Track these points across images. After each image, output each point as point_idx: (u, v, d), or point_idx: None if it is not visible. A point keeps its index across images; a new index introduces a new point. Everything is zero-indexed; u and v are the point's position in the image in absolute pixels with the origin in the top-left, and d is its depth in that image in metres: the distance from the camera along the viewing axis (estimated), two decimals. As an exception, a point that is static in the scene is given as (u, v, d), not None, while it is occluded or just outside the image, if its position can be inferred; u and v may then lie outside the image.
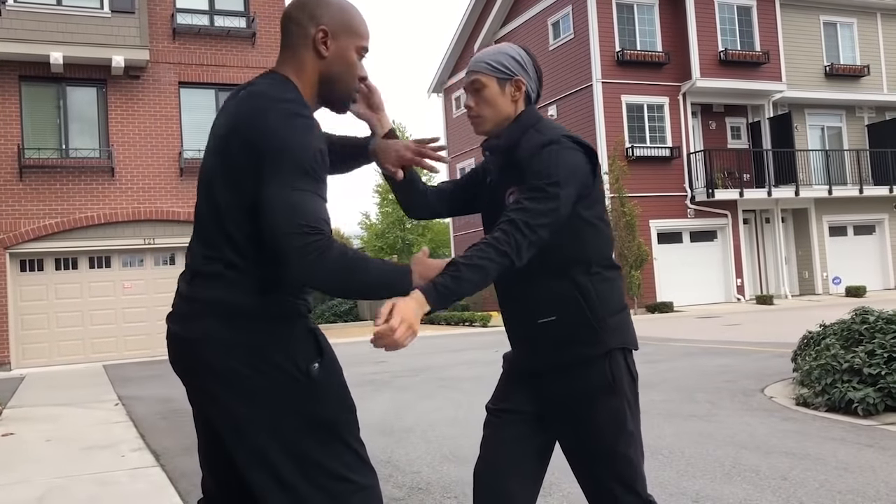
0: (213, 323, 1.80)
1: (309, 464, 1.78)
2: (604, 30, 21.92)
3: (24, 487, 4.93)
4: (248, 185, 1.77)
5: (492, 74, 2.17)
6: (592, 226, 2.12)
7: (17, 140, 15.13)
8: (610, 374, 2.08)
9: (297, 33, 1.93)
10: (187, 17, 16.52)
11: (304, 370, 1.80)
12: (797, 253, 24.57)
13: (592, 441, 2.10)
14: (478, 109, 2.20)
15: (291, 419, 1.78)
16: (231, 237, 1.81)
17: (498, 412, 2.22)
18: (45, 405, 9.13)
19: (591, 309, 2.08)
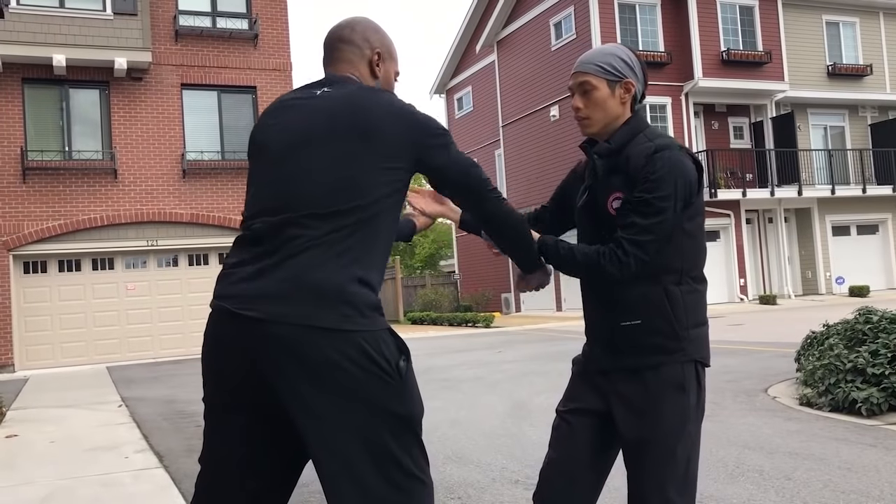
0: (312, 308, 1.76)
1: (385, 457, 1.80)
2: (606, 30, 21.91)
3: (28, 489, 4.94)
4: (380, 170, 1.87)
5: (602, 76, 2.17)
6: (691, 237, 2.15)
7: (20, 142, 15.16)
8: (682, 376, 2.12)
9: (352, 51, 2.08)
10: (189, 18, 16.54)
11: (395, 367, 1.82)
12: (800, 253, 24.54)
13: (654, 436, 2.10)
14: (587, 111, 2.20)
15: (377, 413, 1.80)
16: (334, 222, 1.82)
17: (568, 413, 2.23)
18: (49, 407, 9.15)
19: (677, 318, 2.11)
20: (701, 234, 2.19)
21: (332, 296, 1.78)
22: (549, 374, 9.23)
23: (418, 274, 34.11)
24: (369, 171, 1.86)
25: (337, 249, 1.81)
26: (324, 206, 1.83)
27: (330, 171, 1.86)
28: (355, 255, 1.83)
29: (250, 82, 16.91)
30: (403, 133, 1.90)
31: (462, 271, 29.92)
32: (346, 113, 1.89)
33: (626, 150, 2.15)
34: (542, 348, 13.16)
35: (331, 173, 1.85)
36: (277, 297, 1.78)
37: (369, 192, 1.85)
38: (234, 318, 1.81)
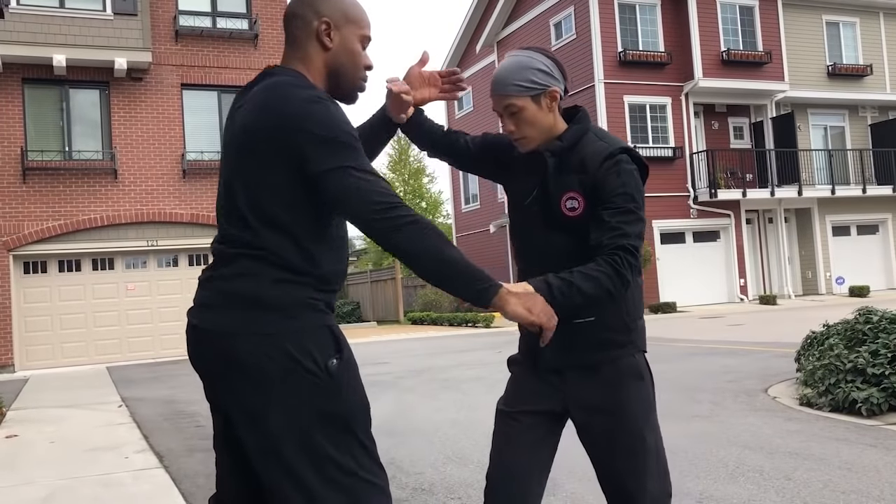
0: (233, 313, 1.81)
1: (323, 459, 1.78)
2: (606, 30, 21.92)
3: (28, 489, 4.94)
4: (279, 172, 1.79)
5: (525, 94, 2.14)
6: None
7: (21, 142, 15.16)
8: (639, 366, 2.17)
9: (300, 27, 1.95)
10: (189, 18, 16.54)
11: (323, 366, 1.79)
12: (800, 253, 24.54)
13: (624, 428, 2.11)
14: (521, 132, 2.16)
15: (307, 414, 1.78)
16: (252, 227, 1.83)
17: (515, 414, 2.21)
18: (49, 407, 9.15)
19: (628, 311, 2.15)
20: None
21: (251, 300, 1.80)
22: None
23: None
24: (273, 176, 1.81)
25: (259, 256, 1.82)
26: (242, 218, 1.84)
27: (242, 181, 1.85)
28: (278, 260, 1.82)
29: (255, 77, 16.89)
30: (289, 133, 1.78)
31: (462, 271, 29.82)
32: (249, 118, 1.86)
33: (577, 149, 2.14)
34: (542, 348, 13.14)
35: (243, 184, 1.84)
36: (209, 306, 1.85)
37: (278, 199, 1.81)
38: (187, 325, 1.92)
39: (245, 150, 1.84)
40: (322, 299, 1.87)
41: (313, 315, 1.83)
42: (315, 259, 1.86)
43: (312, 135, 1.77)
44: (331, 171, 1.76)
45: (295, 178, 1.80)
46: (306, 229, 1.84)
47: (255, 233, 1.83)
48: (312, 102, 1.80)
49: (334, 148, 1.77)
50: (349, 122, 1.84)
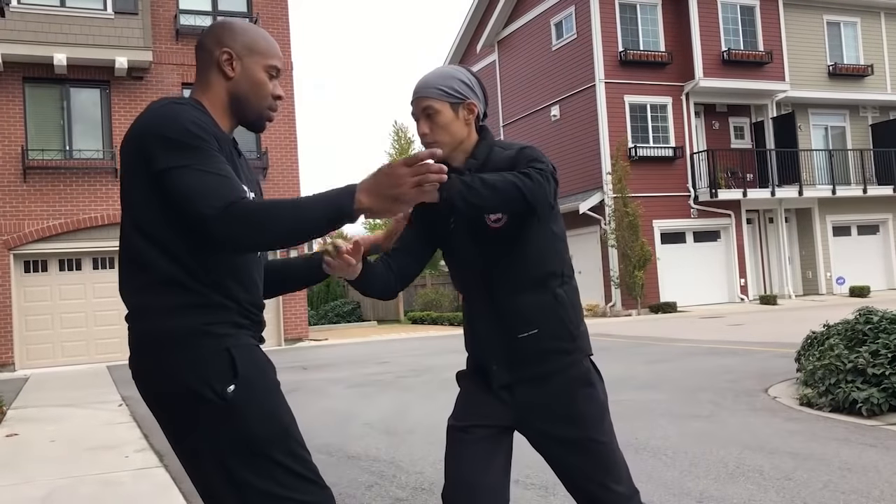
0: (135, 353, 1.86)
1: (244, 487, 1.77)
2: (606, 30, 21.91)
3: (28, 487, 4.94)
4: (141, 184, 1.80)
5: (445, 100, 2.16)
6: (561, 239, 2.22)
7: (21, 141, 15.16)
8: (587, 371, 2.18)
9: (204, 58, 1.99)
10: (190, 18, 16.54)
11: (220, 393, 1.76)
12: (801, 253, 24.53)
13: (577, 434, 2.13)
14: (433, 136, 2.17)
15: (216, 443, 1.78)
16: (132, 261, 1.85)
17: (465, 428, 2.19)
18: (49, 406, 9.15)
19: (570, 319, 2.17)
20: (565, 235, 2.26)
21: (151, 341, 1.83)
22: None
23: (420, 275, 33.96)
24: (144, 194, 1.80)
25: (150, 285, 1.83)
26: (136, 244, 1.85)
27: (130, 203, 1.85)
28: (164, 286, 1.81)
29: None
30: (146, 139, 1.79)
31: (462, 271, 29.86)
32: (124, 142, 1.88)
33: (488, 163, 2.17)
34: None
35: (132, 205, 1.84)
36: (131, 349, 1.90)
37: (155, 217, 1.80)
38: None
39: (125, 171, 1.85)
40: (222, 320, 1.83)
41: (211, 341, 1.80)
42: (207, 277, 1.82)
43: (155, 136, 1.78)
44: (171, 169, 1.74)
45: (153, 187, 1.79)
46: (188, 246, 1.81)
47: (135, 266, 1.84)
48: (162, 106, 1.82)
49: (176, 147, 1.76)
50: (199, 122, 1.81)
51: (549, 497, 4.08)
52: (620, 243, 20.67)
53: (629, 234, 20.56)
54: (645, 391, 7.66)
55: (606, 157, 21.37)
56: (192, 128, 1.78)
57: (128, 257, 1.86)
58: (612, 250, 20.98)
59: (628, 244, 20.52)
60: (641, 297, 20.57)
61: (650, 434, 5.55)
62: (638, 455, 4.92)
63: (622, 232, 20.64)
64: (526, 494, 4.16)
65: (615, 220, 20.82)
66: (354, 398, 8.40)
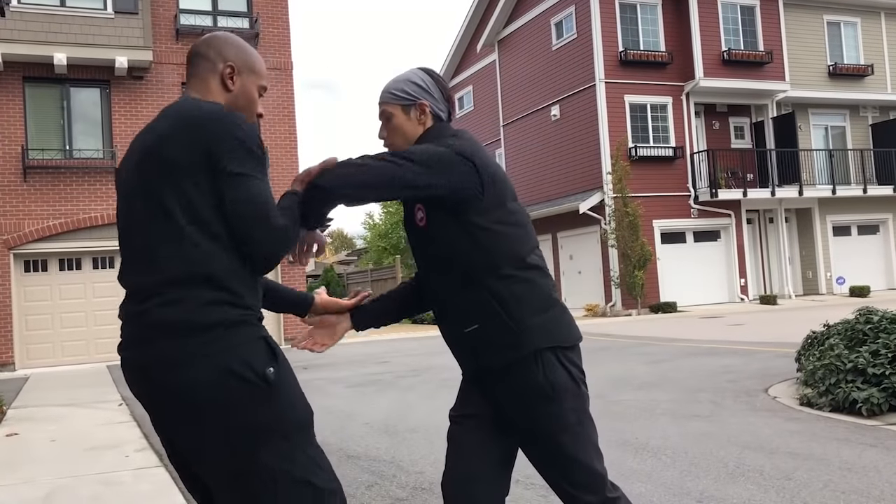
0: (165, 343, 1.82)
1: (272, 471, 1.80)
2: (607, 30, 21.91)
3: (28, 487, 4.94)
4: (191, 190, 1.83)
5: (396, 103, 2.24)
6: (490, 231, 2.12)
7: (21, 141, 15.16)
8: (543, 376, 2.09)
9: (204, 66, 2.05)
10: (190, 17, 16.54)
11: (261, 374, 1.82)
12: (801, 253, 24.54)
13: (539, 445, 2.14)
14: (390, 138, 2.26)
15: (251, 426, 1.80)
16: (168, 254, 1.84)
17: (459, 418, 2.24)
18: (50, 405, 9.15)
19: (508, 312, 2.10)
20: (507, 225, 2.14)
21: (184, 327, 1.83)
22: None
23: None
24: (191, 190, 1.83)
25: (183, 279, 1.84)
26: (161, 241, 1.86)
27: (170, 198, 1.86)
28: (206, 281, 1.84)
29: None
30: (195, 141, 1.84)
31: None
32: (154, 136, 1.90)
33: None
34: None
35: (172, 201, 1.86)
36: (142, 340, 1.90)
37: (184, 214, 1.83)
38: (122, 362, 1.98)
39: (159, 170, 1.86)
40: (252, 315, 1.90)
41: (248, 329, 1.86)
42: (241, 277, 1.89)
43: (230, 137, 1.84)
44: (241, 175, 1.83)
45: (212, 185, 1.83)
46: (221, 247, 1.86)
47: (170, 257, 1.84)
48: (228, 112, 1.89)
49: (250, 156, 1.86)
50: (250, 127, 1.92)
51: (549, 496, 4.08)
52: (620, 243, 20.67)
53: (629, 233, 20.56)
54: (645, 391, 7.66)
55: (606, 157, 21.37)
56: (259, 145, 1.89)
57: (163, 243, 1.85)
58: (612, 250, 20.98)
59: (628, 244, 20.52)
60: (641, 296, 20.57)
61: (650, 434, 5.55)
62: (638, 455, 4.92)
63: (622, 232, 20.63)
64: (526, 494, 4.16)
65: (615, 219, 20.82)
66: (354, 398, 8.40)
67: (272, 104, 17.16)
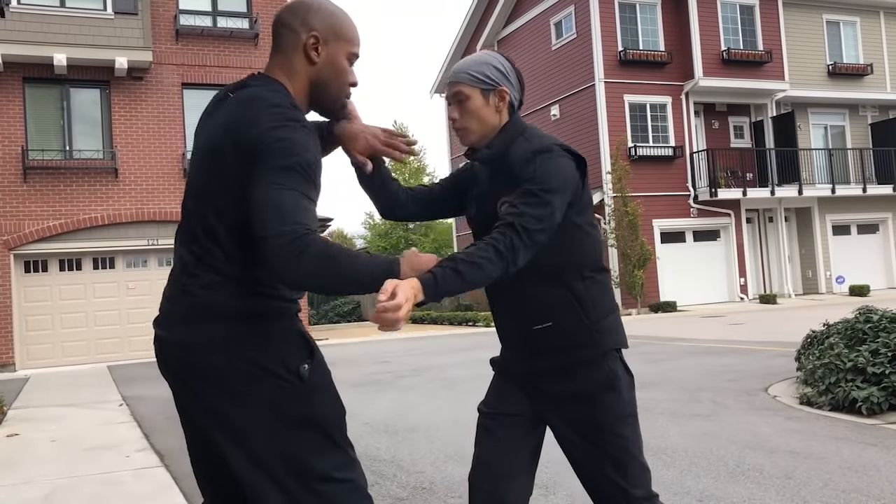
0: (199, 325, 1.81)
1: (300, 465, 1.79)
2: (606, 29, 21.91)
3: (29, 487, 4.95)
4: (239, 188, 1.78)
5: (475, 85, 2.16)
6: (584, 231, 2.15)
7: (21, 141, 15.16)
8: (609, 369, 2.12)
9: (288, 38, 1.92)
10: (190, 18, 16.54)
11: (295, 371, 1.80)
12: (800, 252, 24.54)
13: (594, 438, 2.11)
14: (463, 121, 2.18)
15: (281, 420, 1.79)
16: (217, 240, 1.83)
17: (493, 415, 2.23)
18: (50, 406, 9.15)
19: (586, 313, 2.12)
20: (593, 227, 2.18)
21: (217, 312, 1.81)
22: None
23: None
24: (229, 185, 1.80)
25: (221, 265, 1.83)
26: (203, 222, 1.85)
27: (211, 192, 1.85)
28: (242, 270, 1.82)
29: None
30: (245, 143, 1.77)
31: (462, 271, 29.86)
32: (219, 133, 1.86)
33: (508, 155, 2.15)
34: (542, 347, 13.14)
35: (212, 195, 1.84)
36: (176, 317, 1.87)
37: (236, 207, 1.80)
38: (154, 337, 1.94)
39: (213, 164, 1.85)
40: (289, 306, 1.88)
41: (281, 323, 1.84)
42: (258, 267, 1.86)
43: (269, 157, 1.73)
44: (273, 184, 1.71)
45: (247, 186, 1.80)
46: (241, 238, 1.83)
47: (223, 246, 1.83)
48: (276, 128, 1.76)
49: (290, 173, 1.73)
50: (311, 148, 1.78)
51: (549, 496, 4.09)
52: (620, 243, 20.68)
53: (629, 233, 20.57)
54: (645, 390, 7.66)
55: (606, 157, 21.37)
56: (311, 166, 1.75)
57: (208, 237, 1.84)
58: (611, 250, 20.98)
59: (628, 243, 20.53)
60: (641, 296, 20.58)
61: (650, 433, 5.55)
62: (638, 454, 4.93)
63: (622, 231, 20.64)
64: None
65: (615, 219, 20.83)
66: (355, 398, 8.41)
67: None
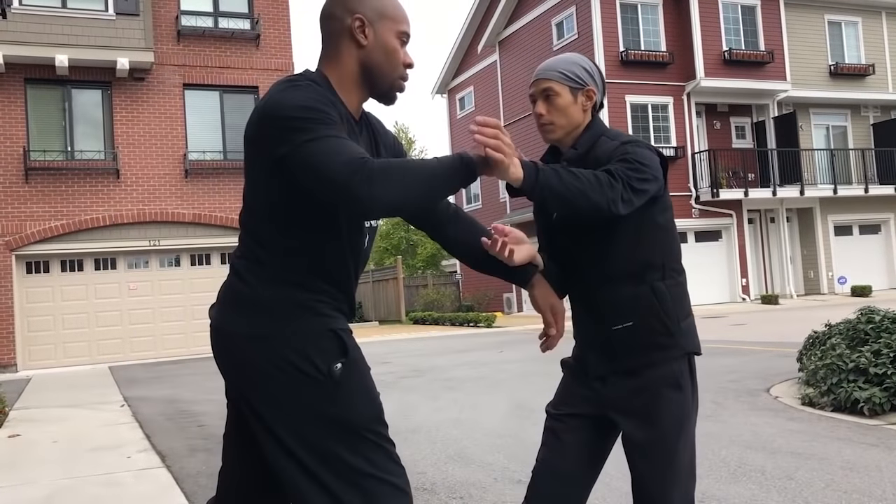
0: (232, 312, 1.83)
1: (338, 463, 1.76)
2: (607, 30, 21.91)
3: (30, 488, 4.95)
4: (264, 170, 1.79)
5: (565, 83, 2.21)
6: (666, 231, 2.17)
7: (23, 142, 15.18)
8: (678, 371, 2.14)
9: (334, 27, 1.89)
10: (192, 18, 16.55)
11: (325, 370, 1.77)
12: (802, 252, 24.52)
13: (658, 436, 2.11)
14: (550, 117, 2.22)
15: (313, 418, 1.77)
16: (252, 228, 1.85)
17: (560, 417, 2.23)
18: (52, 406, 9.16)
19: (668, 313, 2.13)
20: (673, 227, 2.21)
21: (248, 301, 1.82)
22: (550, 375, 9.21)
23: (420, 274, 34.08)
24: (260, 175, 1.81)
25: (256, 255, 1.84)
26: (247, 217, 1.87)
27: (248, 180, 1.88)
28: (275, 260, 1.82)
29: (252, 83, 16.93)
30: (261, 126, 1.76)
31: (464, 271, 29.90)
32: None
33: (591, 154, 2.18)
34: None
35: (248, 182, 1.88)
36: (218, 302, 1.89)
37: (267, 197, 1.81)
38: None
39: (246, 153, 1.87)
40: (328, 301, 1.85)
41: (314, 318, 1.82)
42: (319, 261, 1.84)
43: (274, 119, 1.72)
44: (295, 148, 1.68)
45: (275, 173, 1.77)
46: (305, 228, 1.82)
47: (256, 233, 1.85)
48: (280, 91, 1.75)
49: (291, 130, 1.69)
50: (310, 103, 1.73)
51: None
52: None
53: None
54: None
55: (608, 157, 21.36)
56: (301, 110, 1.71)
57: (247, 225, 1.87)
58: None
59: (630, 244, 20.51)
60: (643, 297, 20.55)
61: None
62: (640, 455, 4.92)
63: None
64: (528, 494, 4.16)
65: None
66: (356, 398, 8.40)
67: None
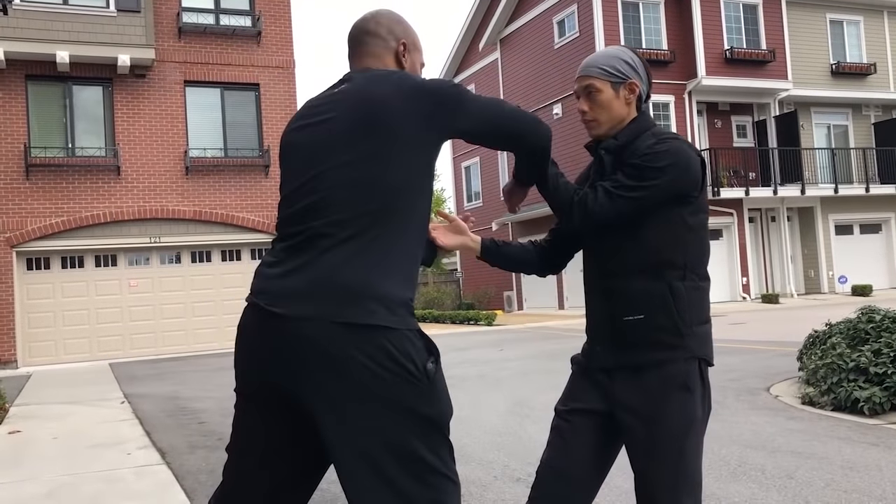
0: (338, 305, 1.77)
1: (411, 458, 1.79)
2: (609, 28, 21.89)
3: (30, 485, 4.95)
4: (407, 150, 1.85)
5: (606, 79, 2.21)
6: (695, 233, 2.15)
7: (24, 139, 15.18)
8: (688, 374, 2.11)
9: (378, 44, 2.07)
10: (193, 15, 16.54)
11: (423, 369, 1.81)
12: (803, 252, 24.51)
13: (661, 437, 2.09)
14: (593, 114, 2.24)
15: (402, 415, 1.78)
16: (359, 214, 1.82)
17: (568, 413, 2.22)
18: (52, 403, 9.16)
19: (681, 314, 2.11)
20: (705, 231, 2.19)
21: (357, 292, 1.79)
22: (551, 373, 9.23)
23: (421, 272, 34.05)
24: (386, 164, 1.83)
25: (363, 248, 1.81)
26: (345, 209, 1.83)
27: (348, 172, 1.85)
28: (382, 252, 1.83)
29: (253, 80, 16.93)
30: (415, 110, 1.86)
31: (464, 269, 29.92)
32: (358, 107, 1.87)
33: (631, 146, 2.18)
34: (543, 346, 13.16)
35: (348, 174, 1.84)
36: (304, 295, 1.80)
37: (389, 187, 1.83)
38: (261, 313, 1.85)
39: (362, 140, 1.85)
40: (411, 301, 1.89)
41: (410, 318, 1.85)
42: (411, 257, 1.89)
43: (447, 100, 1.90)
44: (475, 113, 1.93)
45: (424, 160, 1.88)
46: (418, 224, 1.89)
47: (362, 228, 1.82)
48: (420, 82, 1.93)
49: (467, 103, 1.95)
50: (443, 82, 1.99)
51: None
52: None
53: (631, 232, 20.56)
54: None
55: (609, 156, 21.35)
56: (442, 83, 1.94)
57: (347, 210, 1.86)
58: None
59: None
60: (643, 295, 20.55)
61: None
62: (640, 453, 4.92)
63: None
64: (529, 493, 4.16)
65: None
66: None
67: (274, 103, 17.16)
